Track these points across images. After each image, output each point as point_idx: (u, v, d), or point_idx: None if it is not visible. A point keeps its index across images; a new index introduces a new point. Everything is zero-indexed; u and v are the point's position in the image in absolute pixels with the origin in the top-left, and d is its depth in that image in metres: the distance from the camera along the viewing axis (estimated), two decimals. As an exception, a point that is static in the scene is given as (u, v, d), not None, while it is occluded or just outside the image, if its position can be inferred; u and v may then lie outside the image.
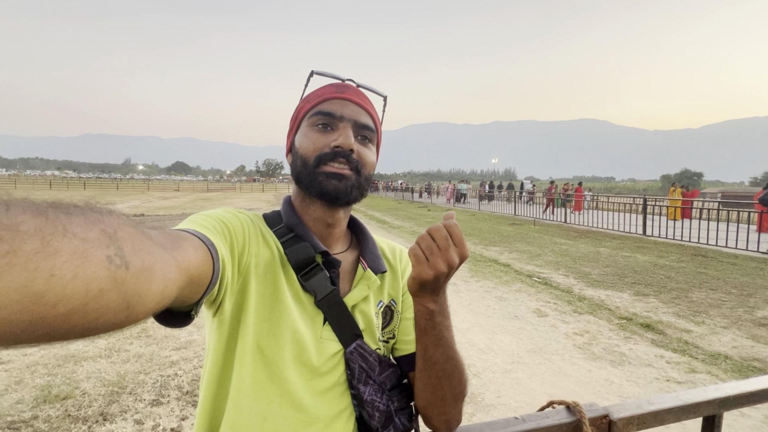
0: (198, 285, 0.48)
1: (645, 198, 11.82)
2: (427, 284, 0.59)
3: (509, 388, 3.01)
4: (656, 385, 3.06)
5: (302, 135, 0.70)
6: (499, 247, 9.13)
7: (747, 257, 7.91)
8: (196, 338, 3.70)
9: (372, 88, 0.76)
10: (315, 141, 0.67)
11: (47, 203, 0.30)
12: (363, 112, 0.71)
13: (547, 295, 5.41)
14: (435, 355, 0.65)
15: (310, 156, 0.67)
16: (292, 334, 0.63)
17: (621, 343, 3.86)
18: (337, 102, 0.69)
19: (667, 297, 5.33)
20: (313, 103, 0.70)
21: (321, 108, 0.69)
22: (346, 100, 0.70)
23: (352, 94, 0.71)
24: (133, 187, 48.16)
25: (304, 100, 0.73)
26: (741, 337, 3.98)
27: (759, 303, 5.05)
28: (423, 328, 0.64)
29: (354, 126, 0.69)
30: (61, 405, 2.58)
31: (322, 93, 0.71)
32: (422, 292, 0.60)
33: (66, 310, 0.27)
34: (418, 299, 0.62)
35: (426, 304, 0.62)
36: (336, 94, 0.70)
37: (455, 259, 0.57)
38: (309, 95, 0.73)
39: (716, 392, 0.86)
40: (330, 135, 0.68)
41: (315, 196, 0.68)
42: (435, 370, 0.66)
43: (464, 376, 0.69)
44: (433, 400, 0.68)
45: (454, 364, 0.66)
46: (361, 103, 0.71)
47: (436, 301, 0.62)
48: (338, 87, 0.71)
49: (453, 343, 0.67)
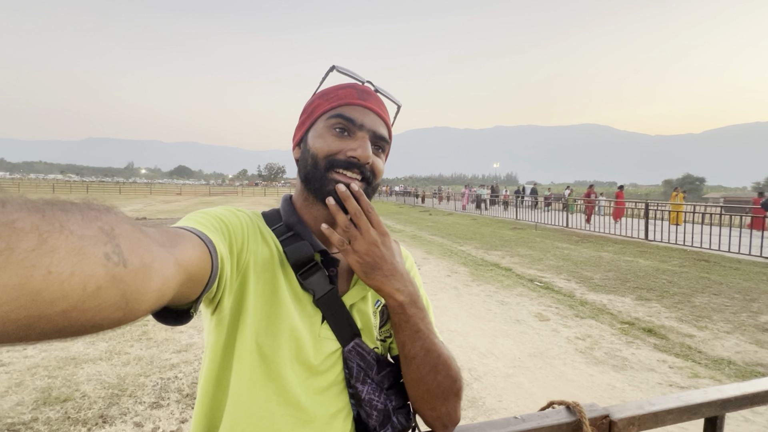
0: (197, 283, 0.48)
1: (647, 203, 11.79)
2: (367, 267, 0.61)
3: (510, 393, 2.99)
4: (659, 390, 3.04)
5: (317, 134, 0.68)
6: (501, 252, 9.11)
7: (750, 262, 7.88)
8: (197, 341, 3.70)
9: (389, 95, 0.76)
10: (331, 144, 0.67)
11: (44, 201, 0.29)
12: (381, 123, 0.70)
13: (548, 300, 5.39)
14: (413, 350, 0.65)
15: (323, 158, 0.66)
16: (290, 333, 0.63)
17: (623, 347, 3.84)
18: (359, 109, 0.68)
19: (670, 302, 5.30)
20: (334, 104, 0.68)
21: (342, 112, 0.67)
22: (367, 108, 0.69)
23: (373, 102, 0.70)
24: (135, 191, 48.31)
25: (322, 96, 0.71)
26: (744, 342, 3.95)
27: (762, 308, 5.01)
28: (397, 323, 0.64)
29: (372, 137, 0.68)
30: (61, 407, 2.58)
31: (344, 95, 0.69)
32: (374, 278, 0.62)
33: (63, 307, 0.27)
34: (383, 292, 0.63)
35: (393, 296, 0.62)
36: (359, 100, 0.69)
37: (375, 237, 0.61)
38: (328, 92, 0.71)
39: (718, 393, 0.85)
40: (347, 141, 0.67)
41: (321, 201, 0.67)
42: (416, 364, 0.65)
43: (452, 371, 0.67)
44: (420, 395, 0.67)
45: (436, 356, 0.65)
46: (380, 113, 0.71)
47: (402, 290, 0.62)
48: (360, 92, 0.70)
49: (432, 335, 0.66)
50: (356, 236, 0.61)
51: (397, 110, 0.81)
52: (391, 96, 0.76)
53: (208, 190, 63.59)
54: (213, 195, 43.74)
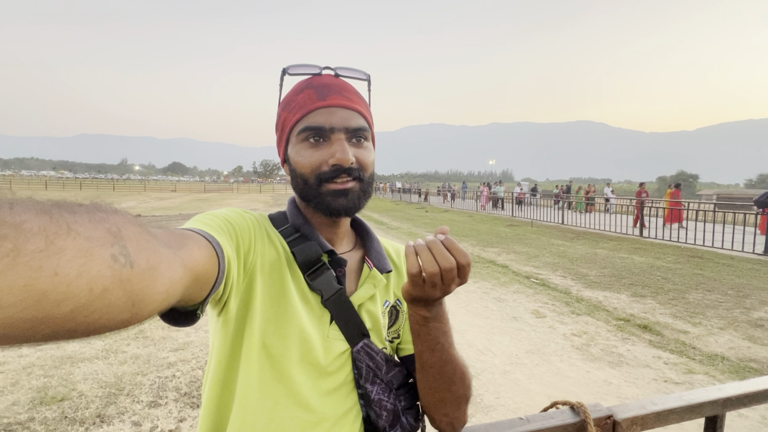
0: (203, 284, 0.47)
1: (642, 200, 11.88)
2: (417, 299, 0.59)
3: (508, 389, 3.01)
4: (654, 386, 3.07)
5: (295, 152, 0.67)
6: (497, 248, 9.15)
7: (743, 259, 7.96)
8: (194, 339, 3.69)
9: (351, 74, 0.70)
10: (310, 158, 0.65)
11: (51, 202, 0.29)
12: (353, 114, 0.67)
13: (545, 296, 5.42)
14: (431, 360, 0.65)
15: (309, 175, 0.65)
16: (299, 334, 0.63)
17: (619, 344, 3.87)
18: (322, 112, 0.65)
19: (664, 298, 5.35)
20: (298, 116, 0.66)
21: (307, 123, 0.65)
22: (331, 107, 0.65)
23: (335, 95, 0.66)
24: (129, 188, 47.96)
25: (285, 107, 0.69)
26: (738, 338, 4.00)
27: (755, 304, 5.08)
28: (417, 332, 0.64)
29: (346, 133, 0.66)
30: (57, 407, 2.56)
31: (304, 101, 0.66)
32: (414, 304, 0.61)
33: (70, 308, 0.27)
34: (411, 306, 0.62)
35: (419, 312, 0.62)
36: (319, 102, 0.65)
37: (453, 288, 0.56)
38: (289, 101, 0.68)
39: (718, 392, 0.86)
40: (324, 149, 0.65)
41: (324, 214, 0.68)
42: (432, 373, 0.66)
43: (466, 380, 0.68)
44: (433, 402, 0.68)
45: (452, 368, 0.66)
46: (347, 104, 0.66)
47: (430, 310, 0.61)
48: (319, 90, 0.66)
49: (451, 347, 0.65)
50: (436, 284, 0.55)
51: (369, 83, 0.74)
52: (353, 74, 0.71)
53: (203, 186, 63.22)
54: (208, 192, 43.52)
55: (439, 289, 0.55)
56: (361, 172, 0.67)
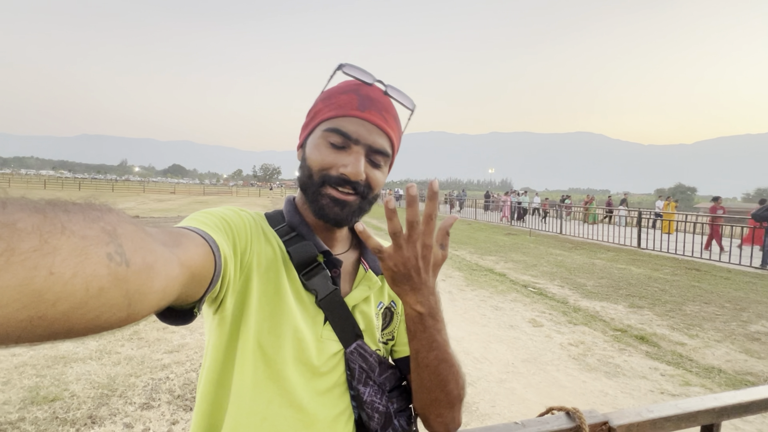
0: (200, 282, 0.47)
1: (639, 211, 11.91)
2: (397, 276, 0.57)
3: (504, 398, 2.99)
4: (651, 398, 3.05)
5: (314, 144, 0.67)
6: (495, 257, 9.14)
7: (740, 272, 7.98)
8: (189, 342, 3.66)
9: (399, 97, 0.70)
10: (324, 157, 0.65)
11: (45, 201, 0.29)
12: (381, 135, 0.66)
13: (542, 306, 5.41)
14: (427, 359, 0.64)
15: (316, 172, 0.66)
16: (293, 333, 0.63)
17: (615, 354, 3.86)
18: (356, 122, 0.65)
19: (662, 309, 5.35)
20: (332, 114, 0.66)
21: (338, 126, 0.65)
22: (366, 120, 0.65)
23: (375, 112, 0.66)
24: (128, 189, 47.87)
25: (325, 98, 0.68)
26: (734, 351, 3.99)
27: (752, 317, 5.08)
28: (413, 331, 0.63)
29: (368, 150, 0.65)
30: (49, 407, 2.54)
31: (344, 103, 0.66)
32: (400, 288, 0.59)
33: (66, 308, 0.27)
34: (404, 300, 0.61)
35: (413, 306, 0.60)
36: (357, 111, 0.65)
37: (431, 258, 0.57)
38: (331, 95, 0.68)
39: (715, 401, 0.86)
40: (341, 155, 0.65)
41: (314, 214, 0.67)
42: (428, 373, 0.65)
43: (460, 380, 0.67)
44: (428, 402, 0.67)
45: (448, 367, 0.65)
46: (381, 125, 0.66)
47: (423, 303, 0.60)
48: (362, 99, 0.66)
49: (446, 346, 0.65)
50: (400, 246, 0.55)
51: (411, 113, 0.74)
52: (402, 98, 0.71)
53: (203, 189, 63.17)
54: (207, 194, 43.48)
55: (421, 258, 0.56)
56: (367, 189, 0.67)
